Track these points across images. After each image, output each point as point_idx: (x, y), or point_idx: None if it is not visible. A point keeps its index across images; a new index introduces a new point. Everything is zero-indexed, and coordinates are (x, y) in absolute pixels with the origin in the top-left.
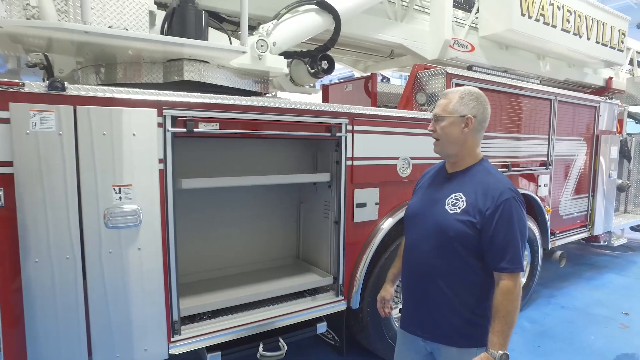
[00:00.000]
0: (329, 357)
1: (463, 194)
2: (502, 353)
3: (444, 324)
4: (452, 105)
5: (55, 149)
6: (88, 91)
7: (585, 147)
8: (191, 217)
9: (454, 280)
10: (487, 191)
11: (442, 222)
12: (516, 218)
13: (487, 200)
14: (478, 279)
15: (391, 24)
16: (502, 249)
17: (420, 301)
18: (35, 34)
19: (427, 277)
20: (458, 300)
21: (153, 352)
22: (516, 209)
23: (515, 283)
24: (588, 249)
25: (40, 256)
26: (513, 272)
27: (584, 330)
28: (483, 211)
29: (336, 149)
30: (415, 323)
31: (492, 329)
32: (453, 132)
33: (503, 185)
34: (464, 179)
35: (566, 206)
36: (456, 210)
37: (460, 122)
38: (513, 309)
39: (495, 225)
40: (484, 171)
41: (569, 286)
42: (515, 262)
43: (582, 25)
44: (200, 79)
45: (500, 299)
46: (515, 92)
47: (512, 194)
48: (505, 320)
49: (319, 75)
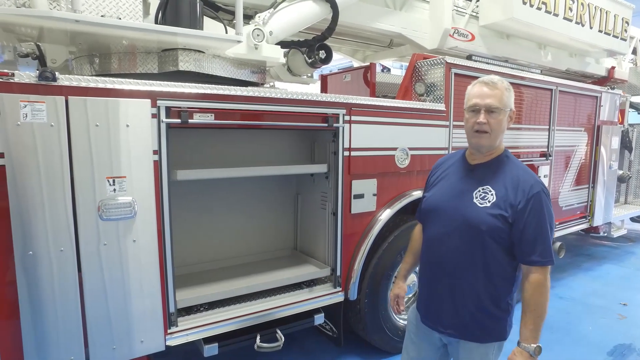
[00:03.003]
0: (327, 349)
1: (492, 187)
2: (535, 346)
3: (468, 319)
4: (505, 98)
5: (47, 141)
6: (80, 81)
7: (586, 138)
8: (187, 208)
9: (482, 274)
10: (518, 184)
11: (472, 216)
12: (546, 211)
13: (518, 194)
14: (505, 273)
15: (390, 12)
16: (533, 242)
17: (443, 296)
18: (26, 23)
19: (453, 271)
20: (485, 294)
21: (150, 344)
22: (546, 203)
23: (545, 276)
24: (587, 240)
25: (34, 249)
26: (544, 265)
27: (582, 321)
28: (515, 205)
29: (333, 140)
30: (436, 318)
31: (524, 322)
32: (504, 126)
33: (533, 178)
34: (490, 171)
35: (566, 197)
36: (486, 204)
37: (508, 115)
38: (544, 302)
39: (526, 218)
40: (511, 163)
41: (567, 277)
42: (545, 255)
43: (585, 14)
44: (196, 69)
45: (531, 292)
46: (516, 82)
47: (541, 187)
48: (536, 313)
49: (316, 65)
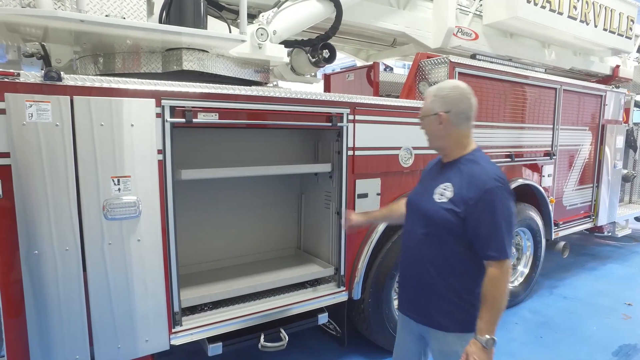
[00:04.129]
0: (330, 348)
1: (451, 184)
2: (488, 338)
3: (434, 308)
4: (427, 105)
5: (52, 140)
6: (85, 81)
7: (591, 137)
8: (191, 207)
9: (443, 266)
10: (472, 180)
11: (430, 211)
12: (500, 207)
13: (471, 190)
14: (465, 266)
15: (393, 11)
16: (488, 238)
17: (414, 285)
18: (31, 23)
19: (420, 262)
20: (446, 286)
21: (154, 343)
22: (500, 198)
23: (501, 271)
24: (591, 239)
25: (39, 248)
26: (499, 260)
27: (586, 321)
28: (467, 200)
29: (337, 139)
30: (410, 306)
31: (480, 315)
32: (432, 129)
33: (487, 174)
34: (454, 169)
35: (570, 196)
36: (443, 200)
37: (435, 119)
38: (500, 296)
39: (479, 214)
40: (472, 161)
41: (571, 277)
42: (500, 250)
43: (590, 12)
44: (200, 69)
45: (488, 285)
46: (519, 81)
47: (496, 183)
48: (492, 306)
49: (320, 65)
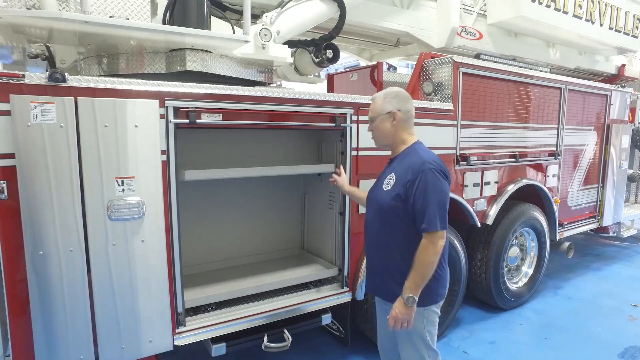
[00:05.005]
0: (334, 348)
1: (394, 174)
2: (409, 296)
3: (393, 286)
4: (378, 106)
5: (56, 142)
6: (89, 82)
7: (596, 137)
8: (195, 208)
9: (396, 246)
10: (410, 166)
11: (380, 199)
12: (431, 185)
13: (409, 174)
14: (415, 244)
15: (397, 11)
16: (422, 213)
17: (375, 267)
18: (35, 24)
19: (378, 246)
20: (402, 263)
21: (158, 344)
22: (431, 178)
23: (431, 240)
24: (595, 240)
25: (44, 248)
26: (429, 230)
27: (591, 322)
28: (405, 183)
29: (341, 140)
30: (373, 286)
31: (408, 277)
32: (384, 127)
33: (422, 159)
34: (396, 161)
35: (575, 197)
36: (389, 188)
37: (388, 117)
38: (428, 263)
39: (414, 192)
40: (412, 152)
41: (575, 277)
42: (430, 222)
43: (595, 11)
44: (203, 69)
45: (418, 253)
46: (524, 81)
47: (429, 165)
48: (418, 271)
49: (323, 65)
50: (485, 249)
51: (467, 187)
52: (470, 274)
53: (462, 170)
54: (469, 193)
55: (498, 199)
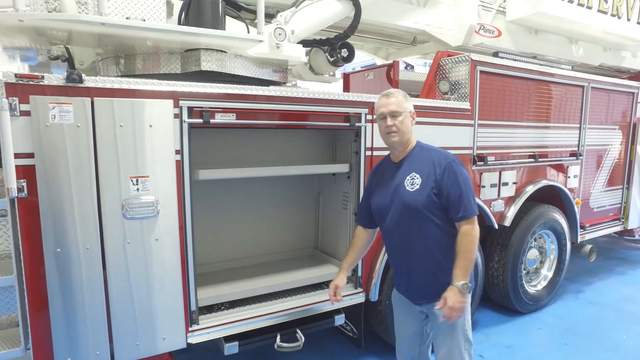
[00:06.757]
0: (347, 349)
1: (416, 173)
2: (463, 283)
3: (432, 286)
4: (403, 103)
5: (74, 141)
6: (105, 83)
7: (621, 136)
8: (208, 207)
9: (432, 243)
10: (433, 161)
11: (409, 201)
12: (460, 175)
13: (436, 168)
14: (449, 236)
15: (413, 9)
16: (458, 201)
17: (410, 273)
18: (55, 27)
19: (408, 250)
20: (436, 261)
21: (171, 341)
22: (459, 168)
23: (472, 226)
24: (620, 243)
25: (61, 246)
26: (469, 217)
27: (614, 328)
28: (436, 177)
29: (355, 139)
30: (411, 292)
31: (456, 265)
32: (408, 124)
33: (443, 154)
34: (411, 161)
35: (598, 198)
36: (416, 187)
37: (409, 116)
38: (470, 246)
39: (447, 184)
40: (426, 150)
41: (598, 281)
42: (468, 209)
43: (622, 5)
44: (218, 69)
45: (461, 239)
46: (544, 79)
47: (451, 158)
48: (465, 256)
49: (338, 64)
50: (503, 251)
51: (484, 188)
52: (487, 277)
53: (479, 170)
54: (486, 194)
55: (516, 200)
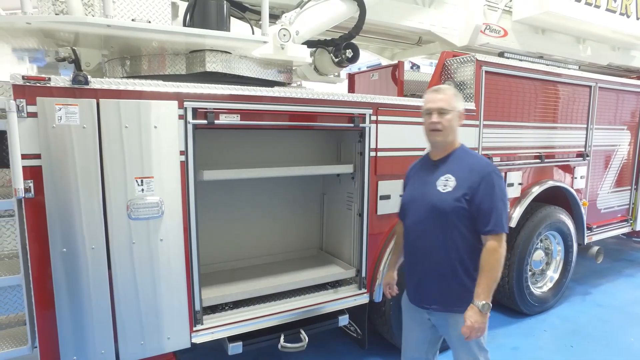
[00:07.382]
0: (351, 350)
1: (452, 175)
2: (484, 303)
3: (447, 293)
4: (452, 101)
5: (79, 142)
6: (110, 84)
7: (629, 137)
8: (213, 208)
9: (452, 250)
10: (472, 168)
11: (437, 201)
12: (498, 188)
13: (473, 175)
14: (470, 247)
15: (418, 9)
16: (489, 214)
17: (424, 275)
18: (62, 29)
19: (428, 252)
20: (457, 268)
21: (176, 341)
22: (497, 181)
23: (499, 243)
24: (629, 244)
25: (68, 246)
26: (497, 233)
27: (622, 331)
28: (471, 184)
29: (360, 140)
30: (422, 296)
31: (478, 282)
32: (455, 124)
33: (484, 162)
34: (450, 163)
35: (605, 199)
36: (448, 189)
37: (457, 116)
38: (495, 265)
39: (481, 194)
40: (466, 154)
41: (606, 283)
42: (498, 225)
43: (631, 4)
44: (223, 70)
45: (486, 256)
46: (551, 79)
47: (492, 168)
48: (489, 274)
49: (343, 64)
50: (508, 252)
51: None
52: None
53: None
54: None
55: (522, 201)
